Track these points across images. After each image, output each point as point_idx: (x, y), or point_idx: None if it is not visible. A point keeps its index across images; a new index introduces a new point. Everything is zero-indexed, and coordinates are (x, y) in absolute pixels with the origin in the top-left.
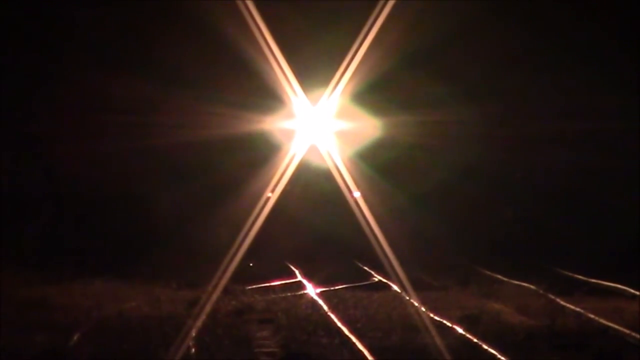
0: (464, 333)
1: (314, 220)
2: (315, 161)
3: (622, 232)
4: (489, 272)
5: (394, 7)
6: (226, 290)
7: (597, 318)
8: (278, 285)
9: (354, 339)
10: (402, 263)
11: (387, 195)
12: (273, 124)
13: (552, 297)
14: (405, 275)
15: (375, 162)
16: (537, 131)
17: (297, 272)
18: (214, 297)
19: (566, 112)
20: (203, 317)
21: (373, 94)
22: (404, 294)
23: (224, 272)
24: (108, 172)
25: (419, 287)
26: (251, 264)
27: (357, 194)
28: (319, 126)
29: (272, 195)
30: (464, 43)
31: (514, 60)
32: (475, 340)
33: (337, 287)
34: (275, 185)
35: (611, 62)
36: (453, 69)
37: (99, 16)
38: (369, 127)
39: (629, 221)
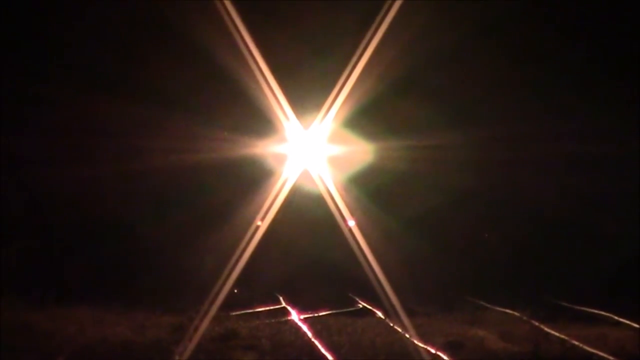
0: None
1: (304, 248)
2: (307, 187)
3: (608, 258)
4: (473, 299)
5: (387, 32)
6: (211, 316)
7: (581, 345)
8: (263, 311)
9: None
10: (388, 290)
11: (380, 222)
12: (264, 149)
13: (537, 323)
14: (389, 301)
15: (369, 187)
16: (530, 155)
17: (281, 298)
18: (199, 322)
19: (558, 135)
20: (187, 342)
21: (366, 118)
22: (388, 320)
23: (209, 298)
24: (93, 196)
25: (404, 313)
26: (236, 290)
27: (351, 223)
28: (311, 151)
29: (262, 224)
30: (458, 68)
31: (508, 84)
32: None
33: (321, 314)
34: (266, 213)
35: (604, 85)
36: (447, 94)
37: (89, 38)
38: (362, 152)
39: (615, 247)
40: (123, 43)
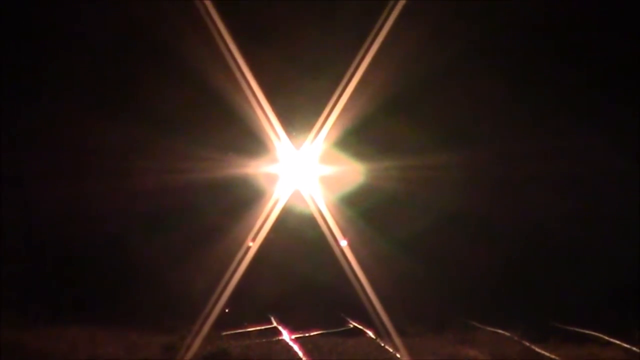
0: None
1: (296, 268)
2: (299, 207)
3: (599, 279)
4: (464, 319)
5: (379, 52)
6: (202, 336)
7: None
8: (254, 330)
9: None
10: (379, 309)
11: (372, 242)
12: (256, 169)
13: (528, 344)
14: (381, 321)
15: (361, 207)
16: (521, 175)
17: (273, 318)
18: (190, 342)
19: (551, 155)
20: None
21: (358, 138)
22: (379, 340)
23: (201, 318)
24: (86, 215)
25: (395, 333)
26: (227, 310)
27: (343, 243)
28: (303, 171)
29: (253, 245)
30: (451, 88)
31: (501, 104)
32: None
33: (312, 333)
34: (257, 233)
35: (600, 105)
36: (439, 114)
37: (81, 59)
38: (354, 172)
39: (605, 267)
40: (114, 63)
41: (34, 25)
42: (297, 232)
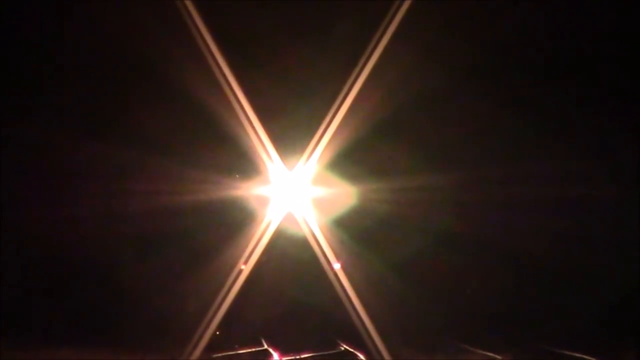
0: None
1: (288, 291)
2: (291, 230)
3: (591, 302)
4: (456, 342)
5: (371, 74)
6: (193, 359)
7: None
8: (244, 353)
9: None
10: (372, 332)
11: (365, 265)
12: (247, 191)
13: None
14: (373, 344)
15: (355, 230)
16: (517, 198)
17: (264, 341)
18: None
19: (546, 178)
20: None
21: (352, 160)
22: None
23: (191, 340)
24: (77, 238)
25: (387, 356)
26: (217, 332)
27: (337, 266)
28: (295, 193)
29: (245, 268)
30: (446, 110)
31: (496, 127)
32: None
33: (303, 356)
34: (249, 256)
35: (595, 128)
36: (434, 136)
37: (70, 80)
38: (348, 194)
39: (599, 292)
40: (103, 84)
41: (21, 47)
42: (289, 255)
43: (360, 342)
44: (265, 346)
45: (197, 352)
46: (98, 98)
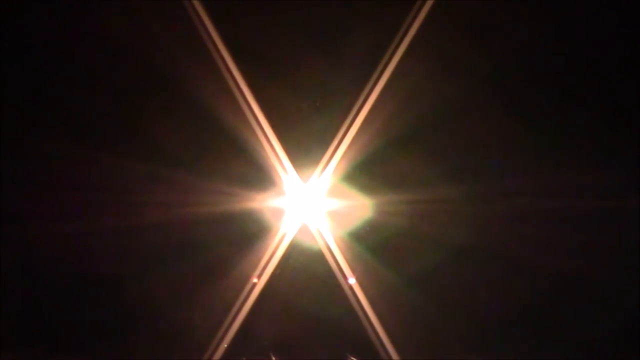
0: None
1: (301, 306)
2: (306, 242)
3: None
4: (466, 354)
5: (387, 85)
6: None
7: None
8: None
9: None
10: (387, 346)
11: (381, 278)
12: (261, 203)
13: None
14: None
15: (370, 243)
16: (534, 209)
17: (273, 355)
18: None
19: (561, 190)
20: None
21: (367, 172)
22: None
23: (198, 354)
24: (85, 251)
25: None
26: (226, 345)
27: (352, 281)
28: (310, 205)
29: (258, 282)
30: (461, 122)
31: (511, 139)
32: None
33: None
34: (263, 270)
35: (607, 140)
36: (449, 148)
37: (83, 91)
38: (363, 206)
39: (610, 304)
40: (116, 95)
41: (31, 55)
42: (304, 267)
43: (372, 356)
44: (273, 358)
45: None
46: (112, 109)
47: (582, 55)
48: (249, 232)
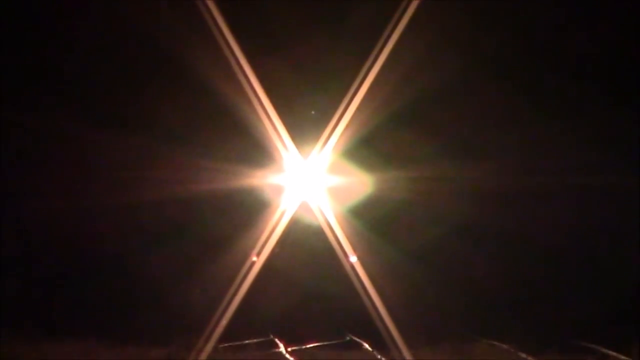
0: None
1: (301, 283)
2: (306, 219)
3: (599, 291)
4: (462, 331)
5: (386, 64)
6: (199, 349)
7: None
8: (251, 343)
9: None
10: (378, 322)
11: (379, 254)
12: (261, 180)
13: (524, 355)
14: (378, 334)
15: (370, 219)
16: (532, 186)
17: (271, 332)
18: (185, 355)
19: (562, 168)
20: None
21: (367, 148)
22: (375, 352)
23: (197, 331)
24: (84, 228)
25: (391, 346)
26: (225, 322)
27: (353, 259)
28: (310, 182)
29: (257, 260)
30: (462, 99)
31: (511, 116)
32: None
33: (308, 346)
34: (262, 247)
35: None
36: (450, 125)
37: (82, 67)
38: (364, 183)
39: (606, 280)
40: (115, 71)
41: (31, 33)
42: (304, 243)
43: (368, 331)
44: (272, 336)
45: (202, 342)
46: (115, 88)
47: (583, 32)
48: (250, 209)
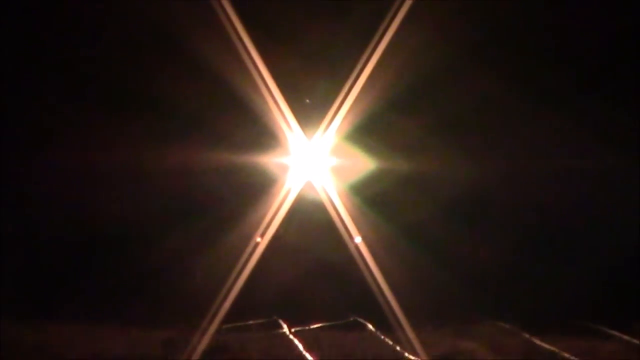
0: None
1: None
2: (311, 199)
3: (601, 271)
4: (465, 311)
5: (389, 47)
6: (202, 330)
7: (571, 357)
8: (254, 324)
9: None
10: (382, 303)
11: (383, 232)
12: (266, 160)
13: (527, 336)
14: (381, 315)
15: (373, 199)
16: (530, 170)
17: (275, 312)
18: (189, 337)
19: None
20: (176, 357)
21: (372, 129)
22: (379, 333)
23: (201, 312)
24: (89, 210)
25: (395, 326)
26: (228, 304)
27: (358, 239)
28: (315, 162)
29: (261, 240)
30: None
31: (511, 99)
32: None
33: (312, 327)
34: (270, 223)
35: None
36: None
37: (90, 55)
38: (368, 163)
39: (607, 261)
40: (124, 53)
41: (39, 21)
42: (309, 221)
43: (372, 311)
44: (275, 317)
45: (206, 323)
46: (121, 68)
47: (578, 22)
48: (255, 189)
